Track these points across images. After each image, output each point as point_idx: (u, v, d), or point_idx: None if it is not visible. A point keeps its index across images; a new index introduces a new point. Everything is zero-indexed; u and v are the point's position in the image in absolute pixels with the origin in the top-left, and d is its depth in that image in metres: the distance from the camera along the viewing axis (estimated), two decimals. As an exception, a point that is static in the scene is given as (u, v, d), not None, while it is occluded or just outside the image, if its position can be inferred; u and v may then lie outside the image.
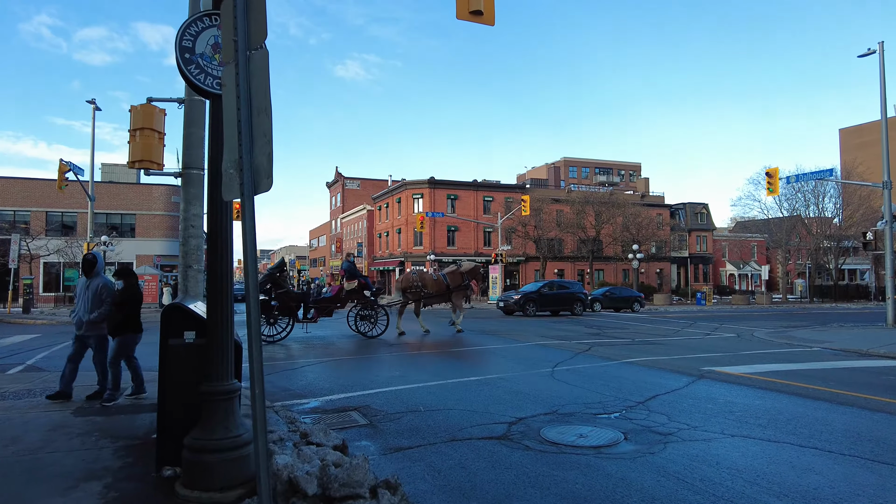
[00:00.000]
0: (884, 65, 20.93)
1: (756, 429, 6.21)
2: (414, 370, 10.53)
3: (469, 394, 8.22)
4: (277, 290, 15.87)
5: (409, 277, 18.05)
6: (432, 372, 10.35)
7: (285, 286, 16.52)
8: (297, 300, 16.20)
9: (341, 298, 16.79)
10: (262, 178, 2.65)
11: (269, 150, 2.60)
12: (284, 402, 7.78)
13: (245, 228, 2.75)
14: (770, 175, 23.85)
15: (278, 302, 15.69)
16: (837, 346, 14.46)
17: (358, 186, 78.23)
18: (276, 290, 15.87)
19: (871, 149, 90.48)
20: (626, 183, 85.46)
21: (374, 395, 8.17)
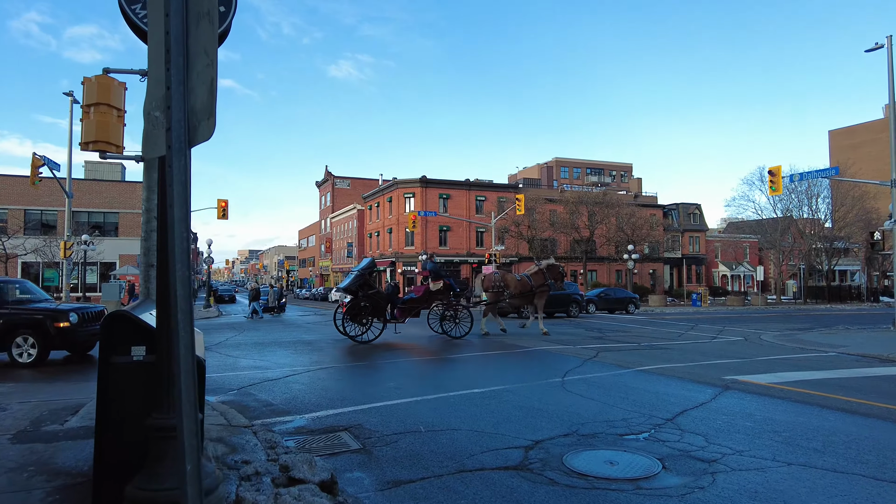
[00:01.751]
0: (892, 59, 20.30)
1: (813, 455, 5.36)
2: (411, 381, 9.60)
3: (475, 410, 7.31)
4: (368, 291, 15.77)
5: (491, 277, 17.64)
6: (432, 383, 9.44)
7: (375, 286, 16.51)
8: (386, 301, 16.03)
9: (427, 299, 16.60)
10: (200, 118, 1.70)
11: (212, 77, 1.66)
12: (265, 421, 6.83)
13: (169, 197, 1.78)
14: (773, 174, 23.15)
15: (369, 303, 15.50)
16: (854, 351, 13.73)
17: (348, 186, 77.11)
18: (366, 290, 15.78)
19: (861, 150, 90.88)
20: (618, 183, 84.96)
21: (368, 412, 7.24)
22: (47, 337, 10.82)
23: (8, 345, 10.76)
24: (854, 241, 59.77)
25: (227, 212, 34.66)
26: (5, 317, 10.79)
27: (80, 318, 11.19)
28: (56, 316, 10.92)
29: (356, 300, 15.41)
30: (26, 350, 10.84)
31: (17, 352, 10.82)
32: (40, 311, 11.09)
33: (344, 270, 69.95)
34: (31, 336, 10.81)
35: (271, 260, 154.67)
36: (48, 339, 10.85)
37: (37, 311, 11.11)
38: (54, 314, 10.97)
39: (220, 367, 11.30)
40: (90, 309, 12.10)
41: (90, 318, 11.75)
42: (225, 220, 34.34)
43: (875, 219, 57.05)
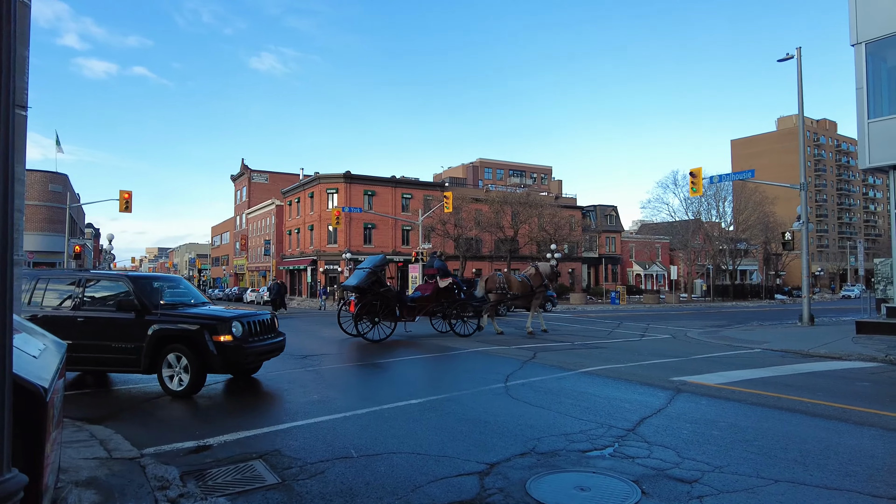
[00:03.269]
0: (801, 68, 21.35)
1: (796, 468, 4.84)
2: (337, 391, 8.48)
3: (414, 426, 6.35)
4: (380, 289, 15.12)
5: (494, 278, 17.48)
6: (361, 393, 8.38)
7: (387, 284, 15.90)
8: (396, 299, 15.41)
9: (436, 297, 16.11)
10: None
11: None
12: (160, 449, 5.54)
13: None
14: (693, 175, 23.81)
15: (381, 300, 14.91)
16: (777, 347, 14.02)
17: (266, 180, 73.55)
18: (379, 287, 15.13)
19: (758, 159, 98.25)
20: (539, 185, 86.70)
21: (288, 433, 6.09)
22: (204, 355, 7.88)
23: (158, 365, 8.04)
24: (754, 242, 64.20)
25: (130, 204, 31.63)
26: (156, 326, 8.06)
27: (244, 330, 8.24)
28: (215, 326, 7.97)
29: (368, 298, 14.86)
30: (178, 373, 8.00)
31: (167, 374, 8.02)
32: (194, 318, 8.10)
33: (260, 269, 66.58)
34: (184, 354, 7.94)
35: (182, 258, 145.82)
36: (205, 359, 7.90)
37: (190, 318, 8.12)
38: (213, 323, 8.01)
39: (114, 380, 9.65)
40: (257, 317, 8.84)
41: (258, 329, 8.67)
42: (128, 212, 31.31)
43: (772, 222, 61.56)
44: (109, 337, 8.10)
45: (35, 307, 8.44)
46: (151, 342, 7.92)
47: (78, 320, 8.21)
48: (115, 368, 8.33)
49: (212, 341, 7.79)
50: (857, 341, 14.71)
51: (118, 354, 8.04)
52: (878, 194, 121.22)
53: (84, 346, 8.01)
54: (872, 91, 16.53)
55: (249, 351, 8.20)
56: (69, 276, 8.70)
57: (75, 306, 8.35)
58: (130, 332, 8.01)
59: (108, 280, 8.59)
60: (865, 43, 16.55)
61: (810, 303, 21.15)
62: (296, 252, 57.14)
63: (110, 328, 8.11)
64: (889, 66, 16.57)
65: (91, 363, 8.24)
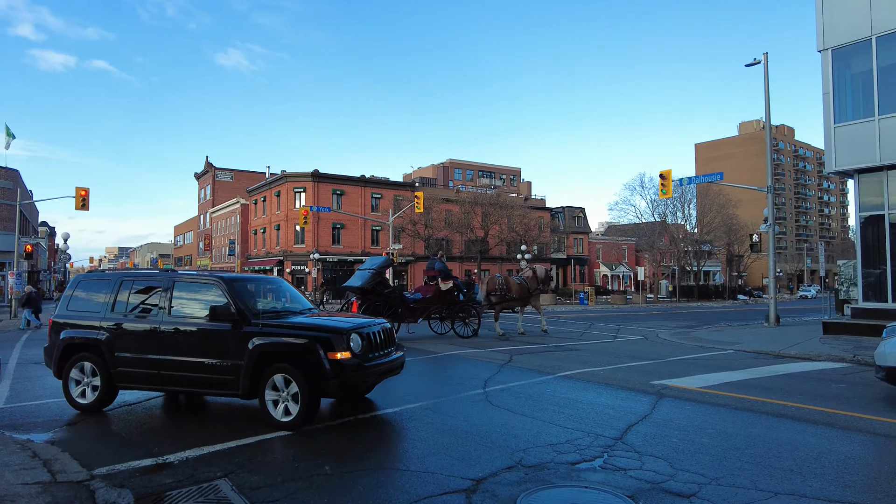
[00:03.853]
0: (768, 73, 21.75)
1: (794, 478, 4.67)
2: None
3: (392, 438, 5.99)
4: (384, 290, 14.97)
5: (494, 280, 17.55)
6: (332, 402, 7.95)
7: (391, 285, 15.78)
8: (400, 301, 15.26)
9: (438, 299, 15.96)
10: None
11: None
12: (113, 468, 5.04)
13: None
14: (663, 177, 24.00)
15: (385, 302, 14.76)
16: (749, 348, 14.12)
17: (231, 178, 71.77)
18: (383, 288, 14.96)
19: (721, 162, 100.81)
20: (509, 186, 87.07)
21: (256, 448, 5.66)
22: (317, 377, 6.18)
23: (261, 388, 6.37)
24: (717, 244, 65.69)
25: (87, 202, 30.16)
26: (257, 340, 6.40)
27: (364, 344, 6.52)
28: (330, 340, 6.25)
29: (372, 299, 14.69)
30: (285, 399, 6.29)
31: (272, 398, 6.35)
32: (304, 329, 6.43)
33: (225, 270, 64.94)
34: (291, 375, 6.23)
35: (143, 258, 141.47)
36: (318, 382, 6.19)
37: (299, 329, 6.45)
38: (328, 336, 6.28)
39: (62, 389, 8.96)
40: (375, 327, 6.98)
41: (378, 341, 6.88)
42: (85, 210, 29.85)
43: (735, 224, 63.11)
44: (201, 352, 6.61)
45: (118, 315, 7.18)
46: (252, 359, 6.33)
47: (165, 331, 6.83)
48: (208, 390, 6.79)
49: (326, 359, 6.12)
50: (824, 342, 14.95)
51: (212, 374, 6.54)
52: (832, 198, 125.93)
53: (172, 364, 6.72)
54: (838, 97, 16.87)
55: (371, 371, 6.49)
56: (156, 278, 7.30)
57: (162, 314, 6.97)
58: (226, 346, 6.52)
59: (200, 283, 7.08)
60: (831, 49, 16.87)
61: (776, 303, 21.53)
62: (262, 252, 55.87)
63: (202, 342, 6.67)
64: (853, 73, 16.94)
65: (180, 383, 6.78)
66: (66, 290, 7.83)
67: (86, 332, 7.22)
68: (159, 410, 7.42)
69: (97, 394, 7.10)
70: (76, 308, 7.52)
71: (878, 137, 15.81)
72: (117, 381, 7.04)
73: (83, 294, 7.63)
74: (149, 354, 6.83)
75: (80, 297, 7.61)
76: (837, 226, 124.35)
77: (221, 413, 7.23)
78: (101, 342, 7.08)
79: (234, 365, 6.43)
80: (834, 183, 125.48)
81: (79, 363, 7.21)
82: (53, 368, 7.45)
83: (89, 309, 7.40)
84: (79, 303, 7.56)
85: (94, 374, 7.13)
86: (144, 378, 6.90)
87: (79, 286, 7.77)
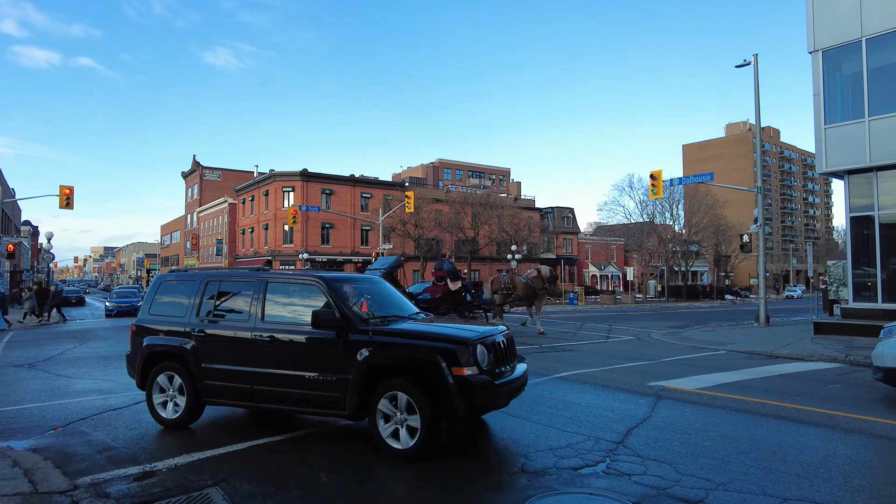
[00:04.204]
0: (758, 74, 21.83)
1: (801, 483, 4.57)
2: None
3: (389, 442, 5.82)
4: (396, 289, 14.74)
5: (500, 280, 17.49)
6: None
7: (402, 285, 15.63)
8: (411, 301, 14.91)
9: (447, 299, 15.83)
10: None
11: None
12: (98, 477, 4.85)
13: None
14: (654, 177, 24.01)
15: None
16: (741, 349, 14.12)
17: (218, 177, 71.06)
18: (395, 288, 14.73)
19: (708, 163, 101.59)
20: (498, 186, 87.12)
21: (247, 454, 5.47)
22: (439, 396, 5.10)
23: (372, 408, 5.33)
24: (705, 244, 66.16)
25: (71, 200, 29.55)
26: (366, 351, 5.40)
27: (490, 357, 5.40)
28: (454, 352, 5.12)
29: None
30: (400, 421, 5.24)
31: (385, 426, 5.29)
32: (420, 339, 5.40)
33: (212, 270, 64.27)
34: (408, 393, 5.18)
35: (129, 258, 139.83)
36: (440, 402, 5.11)
37: (414, 339, 5.43)
38: (451, 348, 5.16)
39: (45, 393, 8.72)
40: (497, 335, 5.77)
41: (503, 354, 5.72)
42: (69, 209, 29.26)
43: (723, 225, 63.62)
44: (301, 365, 5.70)
45: (205, 320, 6.40)
46: (361, 374, 5.35)
47: (258, 340, 5.96)
48: (309, 409, 5.70)
49: (451, 374, 5.04)
50: (816, 342, 14.99)
51: (313, 390, 5.58)
52: (817, 199, 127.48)
53: (267, 378, 5.84)
54: (828, 98, 16.95)
55: (502, 390, 5.36)
56: (246, 279, 6.40)
57: (254, 320, 6.09)
58: (330, 358, 5.58)
59: (297, 283, 6.18)
60: (822, 51, 16.95)
61: (766, 303, 21.62)
62: (249, 252, 55.34)
63: (302, 352, 5.75)
64: (844, 74, 17.03)
65: (276, 400, 5.84)
66: (148, 290, 7.17)
67: (169, 340, 6.51)
68: (146, 415, 7.19)
69: (182, 409, 6.33)
70: (159, 312, 6.82)
71: (869, 138, 15.90)
72: (204, 396, 6.22)
73: (166, 296, 6.88)
74: (240, 366, 5.99)
75: (163, 300, 6.86)
76: (822, 227, 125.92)
77: (213, 417, 7.02)
78: (185, 351, 6.32)
79: (339, 380, 5.46)
80: (819, 184, 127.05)
81: (162, 374, 6.51)
82: (136, 378, 6.77)
83: (173, 313, 6.68)
84: (162, 306, 6.84)
85: (180, 388, 6.38)
86: (234, 393, 6.05)
87: (161, 287, 7.00)
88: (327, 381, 5.53)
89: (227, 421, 6.84)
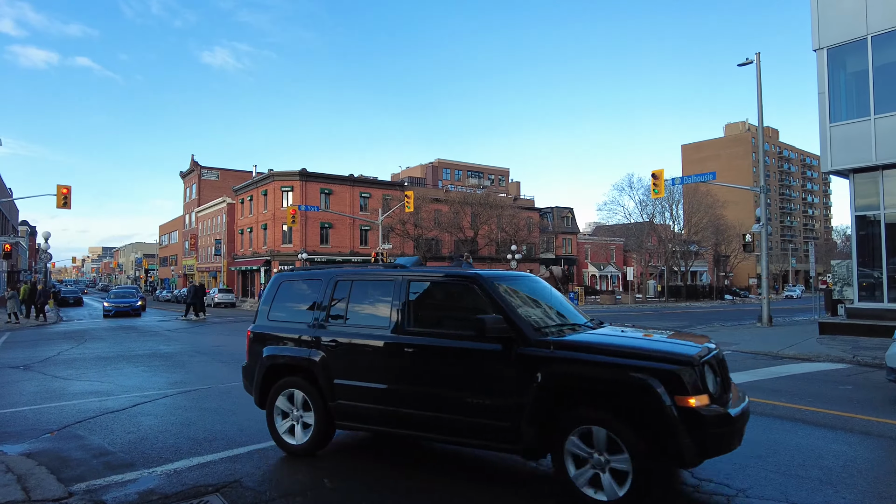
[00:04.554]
0: (760, 73, 21.70)
1: (826, 490, 4.40)
2: (302, 404, 7.66)
3: (398, 447, 5.65)
4: None
5: None
6: (329, 406, 7.58)
7: None
8: None
9: None
10: None
11: None
12: (93, 483, 4.67)
13: None
14: (656, 177, 23.86)
15: None
16: (747, 349, 13.97)
17: (217, 177, 70.85)
18: None
19: (706, 163, 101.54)
20: (497, 186, 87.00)
21: (248, 458, 5.30)
22: (657, 433, 3.83)
23: (558, 444, 4.13)
24: (705, 244, 66.12)
25: (69, 200, 29.31)
26: (547, 370, 4.22)
27: (718, 382, 4.23)
28: (676, 376, 3.84)
29: None
30: (600, 465, 3.98)
31: (579, 471, 4.06)
32: (619, 354, 4.13)
33: (210, 270, 64.07)
34: (607, 427, 3.92)
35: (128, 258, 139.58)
36: (658, 441, 3.83)
37: (609, 353, 4.15)
38: (671, 369, 3.88)
39: (40, 395, 8.55)
40: (713, 350, 4.52)
41: (725, 375, 4.55)
42: (67, 208, 28.97)
43: (722, 225, 63.60)
44: (459, 383, 4.60)
45: (336, 327, 5.37)
46: (541, 400, 4.18)
47: (403, 352, 4.89)
48: (470, 440, 4.57)
49: (674, 405, 3.77)
50: (821, 342, 14.84)
51: (475, 416, 4.47)
52: (815, 199, 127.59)
53: (415, 399, 4.78)
54: (833, 96, 16.81)
55: (738, 426, 4.08)
56: (384, 277, 5.38)
57: (398, 327, 5.00)
58: (497, 376, 4.42)
59: (446, 282, 5.18)
60: (827, 48, 16.82)
61: (769, 303, 21.50)
62: (248, 252, 55.13)
63: (459, 369, 4.65)
64: (849, 72, 16.90)
65: (426, 426, 4.75)
66: (265, 291, 6.16)
67: (294, 351, 5.50)
68: (145, 417, 7.01)
69: (310, 432, 5.32)
70: (280, 317, 5.81)
71: (874, 137, 15.76)
72: (337, 419, 5.20)
73: (287, 298, 5.91)
74: (380, 383, 4.95)
75: (285, 303, 5.89)
76: (821, 226, 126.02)
77: (213, 419, 6.84)
78: (314, 364, 5.29)
79: (508, 405, 4.30)
80: (817, 184, 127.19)
81: (286, 391, 5.50)
82: (255, 395, 5.78)
83: (296, 319, 5.68)
84: (283, 310, 5.84)
85: (307, 407, 5.37)
86: (373, 416, 4.99)
87: (281, 288, 6.00)
88: (493, 405, 4.39)
89: (229, 424, 6.66)
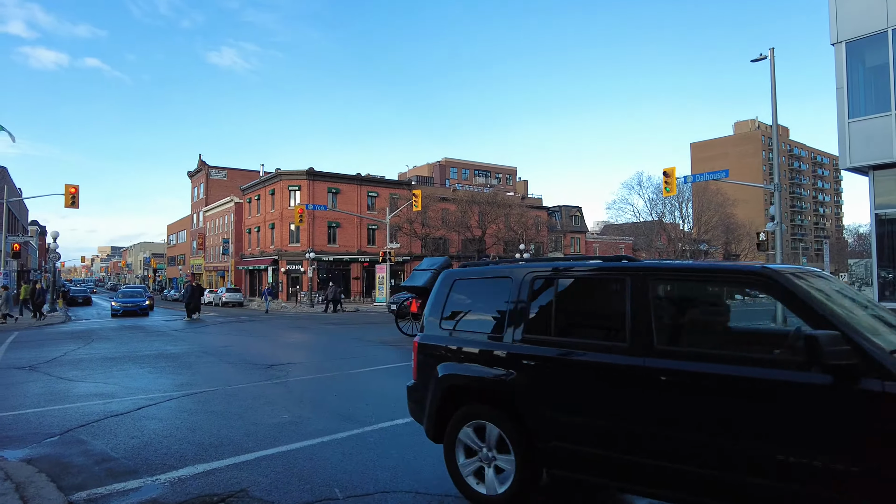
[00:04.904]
0: (774, 69, 21.32)
1: None
2: (310, 409, 7.46)
3: (408, 454, 5.42)
4: None
5: None
6: (338, 411, 7.36)
7: None
8: None
9: None
10: None
11: None
12: (94, 492, 4.47)
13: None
14: (667, 175, 23.58)
15: None
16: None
17: (224, 177, 70.94)
18: None
19: (715, 161, 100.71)
20: (504, 185, 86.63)
21: (256, 465, 5.08)
22: None
23: None
24: (715, 243, 65.50)
25: (77, 199, 29.47)
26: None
27: None
28: None
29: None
30: None
31: None
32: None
33: (218, 269, 64.17)
34: None
35: (136, 257, 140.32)
36: None
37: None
38: None
39: (44, 398, 8.37)
40: None
41: None
42: (75, 208, 29.13)
43: (733, 224, 62.97)
44: (754, 430, 3.00)
45: (538, 339, 3.93)
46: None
47: (659, 379, 3.32)
48: None
49: None
50: (840, 343, 14.48)
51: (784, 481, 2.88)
52: (826, 198, 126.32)
53: (682, 447, 3.21)
54: (852, 91, 16.42)
55: None
56: (607, 273, 3.91)
57: (640, 344, 3.44)
58: (821, 424, 2.84)
59: (712, 279, 3.71)
60: (845, 42, 16.42)
61: (784, 304, 21.13)
62: (256, 251, 55.13)
63: (756, 408, 3.01)
64: (867, 67, 16.50)
65: (697, 490, 3.16)
66: (434, 292, 4.88)
67: (479, 370, 4.12)
68: (149, 421, 6.82)
69: (510, 480, 3.87)
70: (457, 326, 4.51)
71: (894, 133, 15.36)
72: (547, 464, 3.77)
73: (464, 301, 4.62)
74: (618, 421, 3.45)
75: (461, 308, 4.59)
76: (832, 225, 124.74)
77: (219, 423, 6.63)
78: (511, 388, 3.90)
79: (844, 471, 2.74)
80: (828, 183, 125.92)
81: (471, 422, 4.12)
82: (427, 425, 4.46)
83: (477, 328, 4.37)
84: (460, 317, 4.56)
85: (503, 448, 3.95)
86: (608, 467, 3.49)
87: (454, 288, 4.71)
88: (817, 468, 2.80)
89: (238, 427, 6.45)
